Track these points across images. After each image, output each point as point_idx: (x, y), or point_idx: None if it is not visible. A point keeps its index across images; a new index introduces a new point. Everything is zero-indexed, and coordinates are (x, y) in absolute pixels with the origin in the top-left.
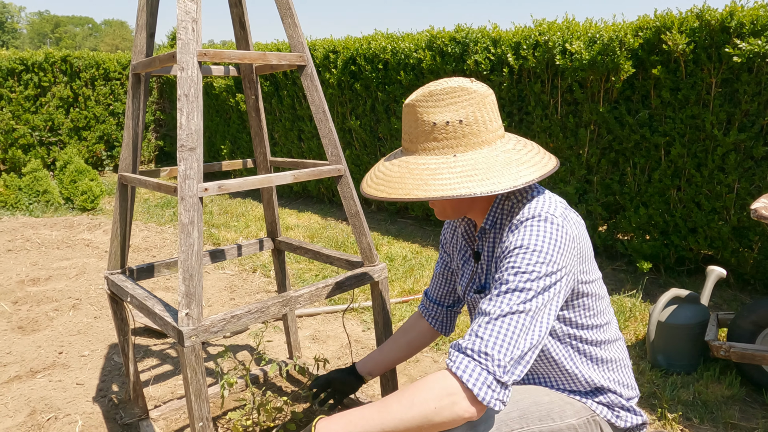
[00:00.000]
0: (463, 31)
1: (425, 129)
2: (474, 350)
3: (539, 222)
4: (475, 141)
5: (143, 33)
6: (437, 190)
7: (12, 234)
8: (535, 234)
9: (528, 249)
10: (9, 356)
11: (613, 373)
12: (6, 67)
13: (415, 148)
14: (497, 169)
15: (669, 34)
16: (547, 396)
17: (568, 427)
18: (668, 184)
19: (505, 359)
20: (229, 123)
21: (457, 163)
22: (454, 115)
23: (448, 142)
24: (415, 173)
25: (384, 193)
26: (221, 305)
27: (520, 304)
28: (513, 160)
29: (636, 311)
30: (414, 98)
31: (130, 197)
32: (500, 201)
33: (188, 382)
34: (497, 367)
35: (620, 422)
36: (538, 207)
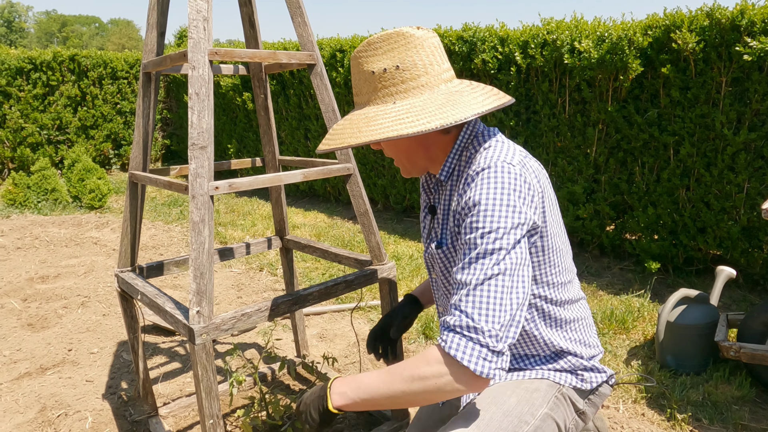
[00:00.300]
0: (471, 30)
1: (366, 79)
2: (462, 326)
3: (495, 172)
4: (414, 85)
5: (154, 32)
6: (367, 135)
7: (21, 232)
8: (493, 186)
9: (488, 205)
10: (19, 353)
11: (575, 333)
12: (15, 66)
13: (360, 100)
14: (431, 111)
15: (679, 32)
16: (512, 395)
17: (543, 419)
18: (677, 184)
19: (495, 327)
20: (235, 122)
21: (395, 109)
22: (391, 62)
23: (388, 90)
24: (354, 122)
25: (326, 145)
26: (228, 303)
27: (494, 266)
28: (451, 101)
29: (644, 311)
30: (356, 50)
31: (140, 195)
32: (458, 151)
33: (199, 379)
34: (489, 338)
35: (585, 385)
36: (494, 156)
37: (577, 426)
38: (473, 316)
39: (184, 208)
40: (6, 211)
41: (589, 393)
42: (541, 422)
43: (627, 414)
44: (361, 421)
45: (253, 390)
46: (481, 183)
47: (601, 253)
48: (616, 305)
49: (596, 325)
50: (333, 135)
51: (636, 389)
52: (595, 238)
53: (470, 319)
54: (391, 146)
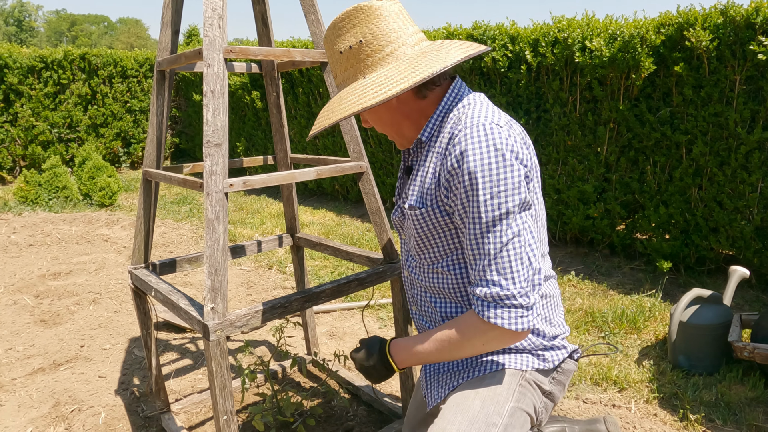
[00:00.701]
0: (481, 28)
1: (338, 60)
2: (494, 296)
3: (486, 135)
4: (381, 57)
5: (168, 30)
6: (336, 114)
7: (33, 229)
8: (486, 150)
9: (485, 171)
10: (32, 348)
11: (541, 310)
12: (26, 65)
13: (338, 81)
14: (393, 78)
15: (692, 30)
16: (476, 398)
17: (511, 414)
18: (689, 183)
19: (523, 285)
20: (244, 120)
21: (364, 83)
22: (354, 38)
23: (357, 66)
24: (332, 104)
25: (314, 129)
26: (238, 301)
27: (508, 230)
28: (414, 63)
29: (655, 311)
30: (325, 34)
31: (153, 193)
32: (441, 113)
33: (213, 375)
34: (520, 297)
35: (547, 364)
36: (479, 115)
37: (547, 407)
38: (501, 283)
39: (193, 206)
40: (18, 209)
41: (552, 371)
42: (509, 418)
43: (639, 414)
44: (372, 419)
45: (264, 387)
46: (471, 147)
47: (611, 253)
48: (626, 305)
49: (606, 325)
50: (317, 120)
51: (648, 389)
52: (606, 237)
53: (499, 287)
54: (377, 121)
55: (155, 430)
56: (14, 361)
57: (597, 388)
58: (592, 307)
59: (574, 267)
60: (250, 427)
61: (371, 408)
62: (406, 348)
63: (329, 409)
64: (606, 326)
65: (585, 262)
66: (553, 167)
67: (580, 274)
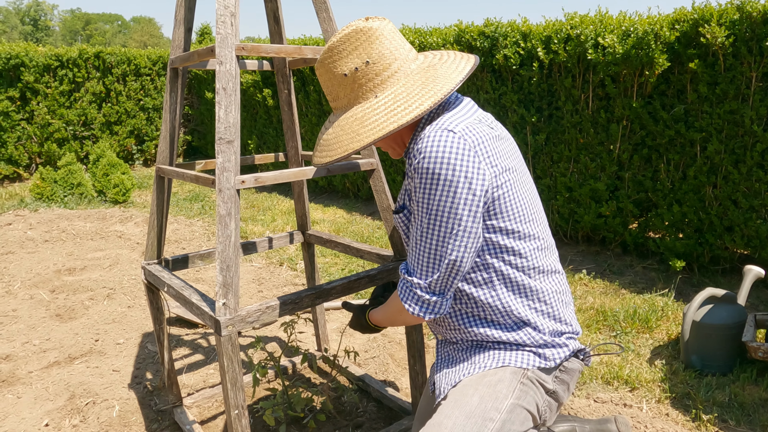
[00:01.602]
0: (493, 26)
1: (341, 82)
2: (406, 282)
3: (438, 140)
4: (389, 74)
5: (181, 28)
6: (368, 136)
7: (48, 225)
8: (427, 151)
9: (429, 170)
10: (48, 342)
11: (543, 305)
12: (42, 64)
13: (340, 104)
14: (416, 93)
15: (707, 26)
16: (475, 394)
17: (510, 411)
18: (704, 181)
19: (432, 283)
20: (255, 118)
21: (380, 102)
22: (360, 59)
23: (366, 87)
24: (347, 129)
25: (327, 157)
26: (249, 297)
27: (437, 226)
28: (430, 77)
29: (668, 310)
30: (320, 58)
31: (167, 190)
32: (425, 122)
33: (224, 370)
34: (424, 291)
35: (549, 363)
36: (441, 121)
37: (551, 406)
38: (409, 269)
39: (205, 203)
40: (34, 205)
41: (554, 370)
42: (508, 414)
43: (650, 414)
44: (382, 415)
45: (274, 382)
46: (424, 148)
47: (623, 252)
48: (639, 304)
49: (618, 324)
50: (328, 145)
51: (660, 389)
52: (618, 236)
53: (406, 272)
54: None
55: (168, 424)
56: (31, 355)
57: (608, 387)
58: (604, 305)
59: (586, 265)
60: (260, 421)
61: (381, 404)
62: (375, 313)
63: (339, 405)
64: (618, 325)
65: (597, 260)
66: (564, 165)
67: (592, 272)
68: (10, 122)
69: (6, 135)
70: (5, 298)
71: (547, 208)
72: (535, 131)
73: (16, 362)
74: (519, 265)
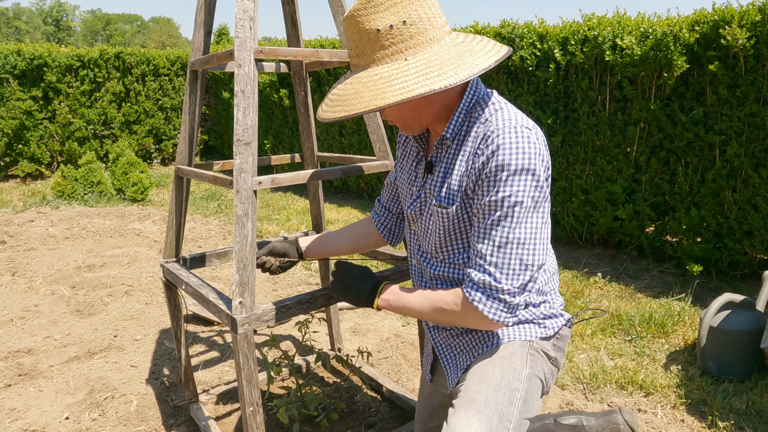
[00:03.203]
0: (509, 27)
1: (370, 38)
2: (486, 285)
3: (517, 136)
4: (423, 40)
5: (201, 30)
6: (395, 95)
7: (69, 222)
8: (515, 150)
9: (511, 168)
10: (69, 337)
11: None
12: (65, 64)
13: (363, 62)
14: (452, 62)
15: (728, 28)
16: (494, 368)
17: (528, 380)
18: (723, 185)
19: (515, 286)
20: (271, 118)
21: (410, 66)
22: (397, 17)
23: (397, 47)
24: (369, 85)
25: (343, 111)
26: (264, 296)
27: (516, 228)
28: (465, 51)
29: (685, 315)
30: (353, 9)
31: (185, 189)
32: (463, 109)
33: (240, 368)
34: (508, 295)
35: (548, 331)
36: (512, 118)
37: (553, 374)
38: (495, 276)
39: (221, 202)
40: (55, 202)
41: (552, 338)
42: (528, 383)
43: (665, 419)
44: (394, 415)
45: (288, 380)
46: (502, 144)
47: (639, 255)
48: (655, 308)
49: (633, 328)
50: (345, 100)
51: (675, 394)
52: (634, 239)
53: (493, 279)
54: (397, 107)
55: (184, 419)
56: (52, 349)
57: (622, 392)
58: (619, 309)
59: (601, 269)
60: (274, 419)
61: (393, 405)
62: (395, 292)
63: (352, 405)
64: (633, 329)
65: (612, 264)
66: (580, 167)
67: (607, 276)
68: (33, 121)
69: (29, 134)
70: (28, 294)
71: (562, 211)
72: (551, 133)
73: (38, 356)
74: None
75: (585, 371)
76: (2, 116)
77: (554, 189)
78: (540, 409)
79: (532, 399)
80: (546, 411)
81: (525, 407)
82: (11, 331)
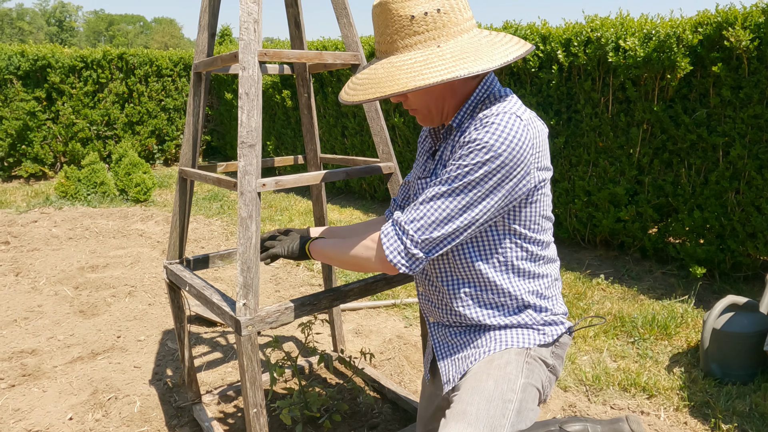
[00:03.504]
0: (512, 28)
1: (403, 24)
2: (397, 221)
3: (502, 119)
4: (455, 30)
5: (205, 33)
6: (435, 75)
7: (72, 223)
8: (494, 128)
9: (479, 143)
10: (72, 338)
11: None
12: (68, 65)
13: (393, 48)
14: (485, 50)
15: (731, 30)
16: (488, 378)
17: (523, 390)
18: (726, 187)
19: (424, 240)
20: (274, 119)
21: (444, 51)
22: (431, 5)
23: (430, 34)
24: (404, 69)
25: (376, 93)
26: (267, 297)
27: (460, 197)
28: (495, 41)
29: (688, 317)
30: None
31: (189, 191)
32: (473, 102)
33: (244, 369)
34: (413, 243)
35: (547, 338)
36: (506, 106)
37: (551, 382)
38: (409, 218)
39: (224, 203)
40: (59, 203)
41: (551, 345)
42: (522, 393)
43: (668, 422)
44: (397, 417)
45: (291, 382)
46: (490, 124)
47: (642, 257)
48: (657, 310)
49: (636, 330)
50: (378, 83)
51: (678, 397)
52: (637, 241)
53: (405, 221)
54: (425, 93)
55: (187, 420)
56: (55, 350)
57: (625, 394)
58: (622, 311)
59: (604, 270)
60: (277, 420)
61: (396, 406)
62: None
63: (355, 406)
64: (635, 331)
65: (615, 265)
66: (583, 169)
67: (610, 277)
68: (37, 122)
69: (33, 134)
70: (31, 294)
71: (564, 212)
72: (554, 134)
73: (41, 357)
74: (536, 253)
75: (588, 373)
76: (6, 117)
77: (557, 190)
78: (536, 418)
79: (527, 409)
80: (548, 413)
81: (518, 418)
82: (15, 331)
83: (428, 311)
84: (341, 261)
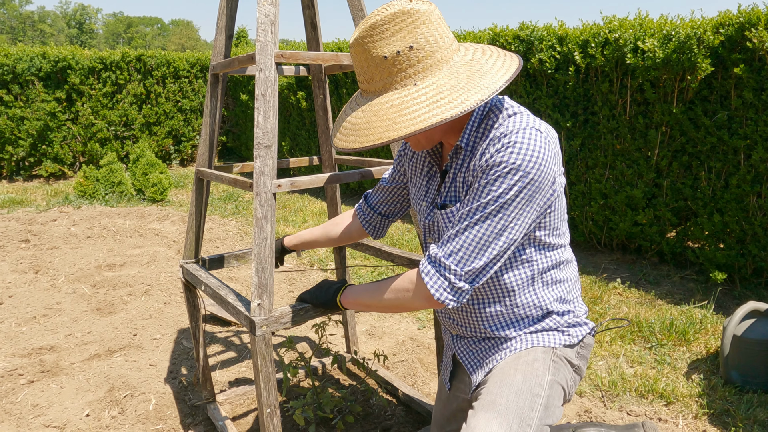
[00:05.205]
0: (528, 29)
1: (378, 65)
2: (436, 260)
3: (524, 137)
4: (432, 63)
5: (222, 35)
6: (407, 126)
7: (90, 222)
8: (518, 148)
9: (508, 164)
10: (89, 335)
11: (568, 294)
12: (87, 66)
13: (373, 88)
14: (462, 86)
15: (754, 30)
16: (516, 373)
17: (550, 386)
18: (747, 190)
19: (468, 273)
20: (289, 120)
21: (420, 91)
22: (403, 43)
23: (405, 72)
24: (380, 114)
25: (357, 143)
26: (281, 297)
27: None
28: (475, 72)
29: (707, 323)
30: (358, 35)
31: (205, 191)
32: (476, 120)
33: (258, 369)
34: (457, 278)
35: (572, 339)
36: (522, 121)
37: (575, 382)
38: (447, 252)
39: (239, 203)
40: (77, 202)
41: (576, 346)
42: (549, 390)
43: (687, 430)
44: (410, 419)
45: (304, 382)
46: (510, 143)
47: (660, 261)
48: (676, 316)
49: (654, 335)
50: (359, 131)
51: (697, 404)
52: (655, 244)
53: (443, 255)
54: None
55: (201, 419)
56: (73, 347)
57: (642, 401)
58: (639, 316)
59: (620, 274)
60: (290, 420)
61: (409, 408)
62: (354, 289)
63: (368, 408)
64: (653, 337)
65: (632, 269)
66: (600, 171)
67: (626, 281)
68: (57, 122)
69: (53, 135)
70: (50, 292)
71: (580, 215)
72: (570, 136)
73: (59, 353)
74: (558, 258)
75: (604, 378)
76: (27, 117)
77: (572, 193)
78: (561, 417)
79: (554, 406)
80: (564, 418)
81: (546, 414)
82: (34, 328)
83: (449, 327)
84: (381, 307)
